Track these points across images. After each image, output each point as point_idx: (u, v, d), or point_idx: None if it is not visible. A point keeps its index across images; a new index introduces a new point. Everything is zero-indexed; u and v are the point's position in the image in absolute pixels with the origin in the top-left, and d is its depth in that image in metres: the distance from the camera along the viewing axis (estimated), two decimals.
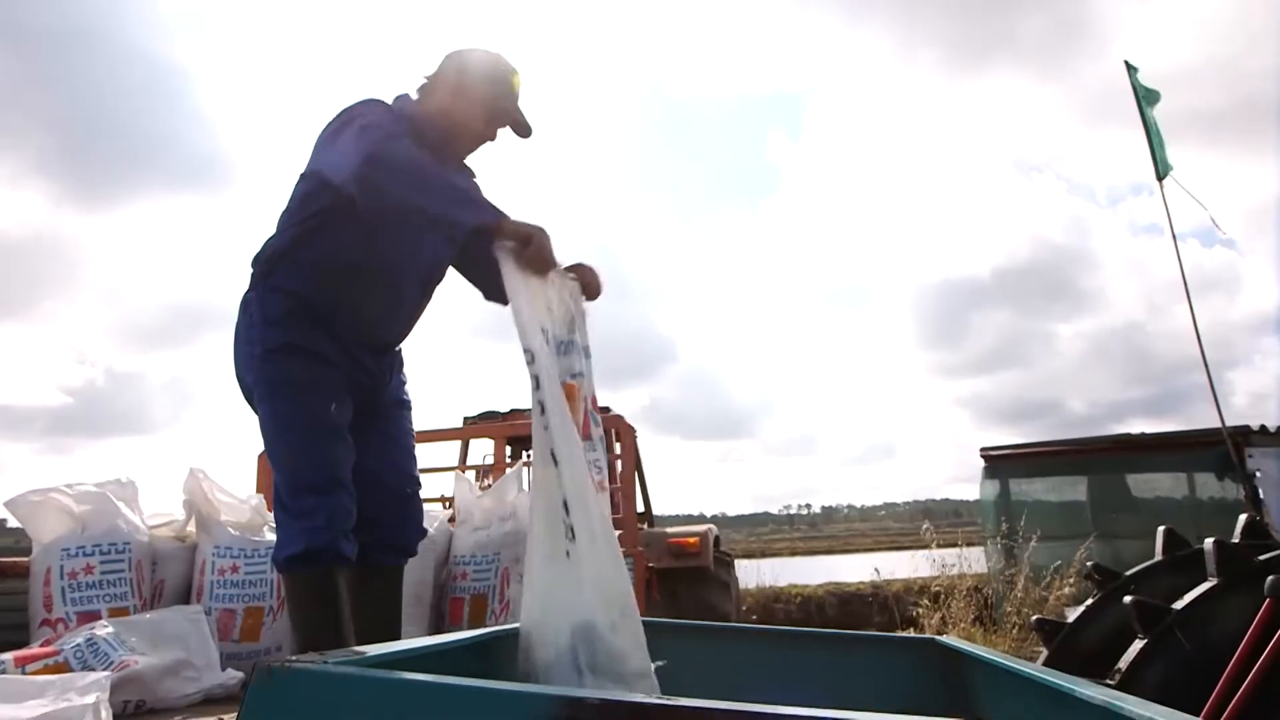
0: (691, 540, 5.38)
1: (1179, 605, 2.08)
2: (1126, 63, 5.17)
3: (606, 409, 6.17)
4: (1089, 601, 2.65)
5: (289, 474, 1.96)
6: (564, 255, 1.74)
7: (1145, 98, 5.09)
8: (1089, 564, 2.78)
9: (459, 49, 2.17)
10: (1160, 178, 5.03)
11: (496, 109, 2.13)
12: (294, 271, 2.03)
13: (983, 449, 8.66)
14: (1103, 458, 8.18)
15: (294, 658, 0.81)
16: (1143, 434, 8.32)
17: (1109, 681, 2.02)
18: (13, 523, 2.88)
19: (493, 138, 2.16)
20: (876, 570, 10.06)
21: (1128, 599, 2.17)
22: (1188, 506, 7.69)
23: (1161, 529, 2.64)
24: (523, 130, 2.16)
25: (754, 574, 12.08)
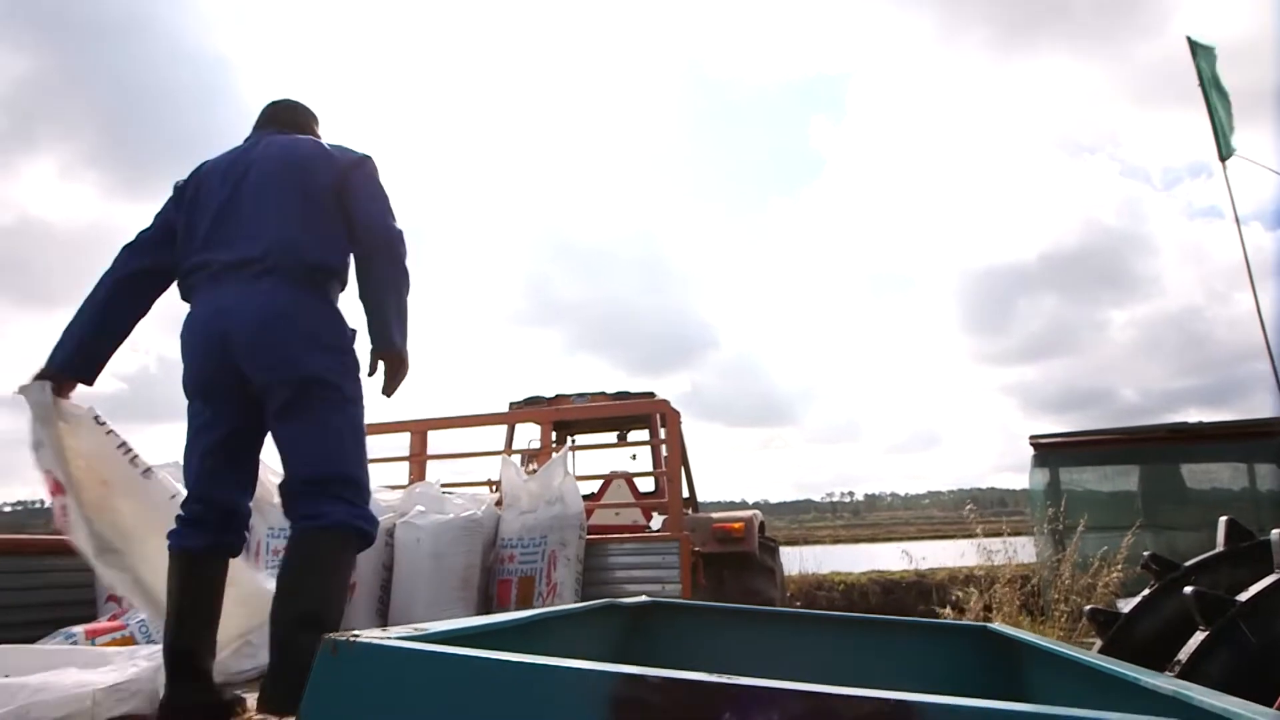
0: (737, 525, 5.36)
1: (1243, 597, 2.02)
2: (1189, 39, 4.98)
3: (651, 394, 6.15)
4: (1146, 591, 2.59)
5: (363, 474, 2.27)
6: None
7: (1205, 61, 4.88)
8: (1146, 553, 2.71)
9: (298, 103, 2.55)
10: (1224, 158, 4.84)
11: None
12: (338, 294, 2.31)
13: (1032, 437, 8.50)
14: (1157, 447, 7.97)
15: (358, 632, 0.83)
16: (1199, 423, 8.10)
17: (1168, 674, 1.97)
18: None
19: None
20: (907, 554, 9.83)
21: (1188, 590, 2.12)
22: (1247, 498, 7.47)
23: (1224, 519, 2.57)
24: None
25: (796, 561, 12.02)
